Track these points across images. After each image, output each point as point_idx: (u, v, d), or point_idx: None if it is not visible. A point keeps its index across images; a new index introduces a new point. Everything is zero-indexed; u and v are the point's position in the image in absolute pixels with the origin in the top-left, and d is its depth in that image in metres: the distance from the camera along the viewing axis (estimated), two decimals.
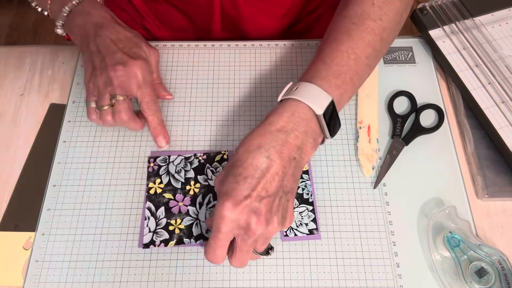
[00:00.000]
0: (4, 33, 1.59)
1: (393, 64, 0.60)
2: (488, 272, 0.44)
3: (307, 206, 0.49)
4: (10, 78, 0.59)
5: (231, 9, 0.65)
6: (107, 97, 0.50)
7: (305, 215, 0.49)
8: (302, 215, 0.49)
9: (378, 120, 0.55)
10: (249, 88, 0.58)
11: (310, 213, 0.49)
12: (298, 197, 0.49)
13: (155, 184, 0.51)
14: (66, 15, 0.53)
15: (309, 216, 0.48)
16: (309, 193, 0.50)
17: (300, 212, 0.49)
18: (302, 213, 0.49)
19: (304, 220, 0.48)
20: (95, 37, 0.51)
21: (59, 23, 0.54)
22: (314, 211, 0.49)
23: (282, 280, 0.46)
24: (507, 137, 0.51)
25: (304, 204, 0.49)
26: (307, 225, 0.48)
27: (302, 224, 0.48)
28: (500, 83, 0.54)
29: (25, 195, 0.51)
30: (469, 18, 0.59)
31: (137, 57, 0.51)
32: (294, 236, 0.48)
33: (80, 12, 0.53)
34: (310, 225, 0.48)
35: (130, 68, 0.49)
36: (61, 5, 0.53)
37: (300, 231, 0.48)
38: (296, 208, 0.49)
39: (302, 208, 0.49)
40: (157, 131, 0.51)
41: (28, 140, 0.54)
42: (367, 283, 0.46)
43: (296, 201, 0.49)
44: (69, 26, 0.54)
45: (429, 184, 0.51)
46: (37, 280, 0.46)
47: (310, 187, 0.50)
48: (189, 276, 0.46)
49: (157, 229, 0.48)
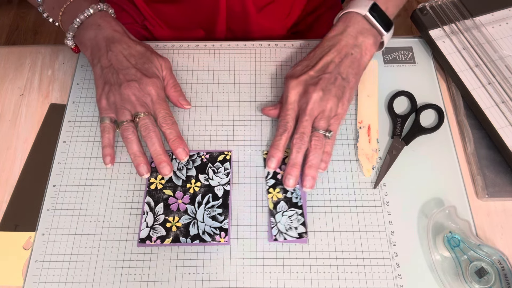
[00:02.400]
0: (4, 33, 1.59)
1: (393, 64, 0.60)
2: (488, 272, 0.44)
3: (296, 210, 0.49)
4: (10, 78, 0.59)
5: (239, 10, 0.65)
6: (127, 113, 0.50)
7: (294, 218, 0.48)
8: (292, 219, 0.48)
9: (378, 120, 0.55)
10: (249, 88, 0.58)
11: (300, 216, 0.49)
12: (287, 201, 0.49)
13: (156, 180, 0.51)
14: (77, 26, 0.53)
15: (298, 220, 0.48)
16: (298, 196, 0.50)
17: (289, 216, 0.49)
18: (291, 217, 0.49)
19: (293, 224, 0.48)
20: (107, 51, 0.52)
21: (70, 35, 0.54)
22: (303, 215, 0.49)
23: (282, 280, 0.46)
24: (507, 137, 0.51)
25: (293, 208, 0.49)
26: (296, 228, 0.48)
27: (291, 228, 0.48)
28: (500, 83, 0.54)
29: (25, 195, 0.51)
30: (469, 18, 0.59)
31: (151, 74, 0.51)
32: (283, 240, 0.47)
33: (91, 24, 0.53)
34: (300, 228, 0.48)
35: (143, 86, 0.50)
36: (72, 16, 0.53)
37: (290, 235, 0.48)
38: (285, 213, 0.49)
39: (291, 212, 0.49)
40: (175, 144, 0.51)
41: (28, 140, 0.54)
42: (367, 283, 0.46)
43: (285, 204, 0.49)
44: (79, 38, 0.54)
45: (429, 184, 0.51)
46: (37, 280, 0.46)
47: (299, 191, 0.50)
48: (189, 276, 0.46)
49: (155, 225, 0.48)
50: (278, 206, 0.49)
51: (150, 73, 0.52)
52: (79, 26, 0.53)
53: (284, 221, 0.48)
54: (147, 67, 0.52)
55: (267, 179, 0.51)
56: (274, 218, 0.48)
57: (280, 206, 0.49)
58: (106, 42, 0.52)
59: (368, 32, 0.53)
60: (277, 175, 0.51)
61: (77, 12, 0.53)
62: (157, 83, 0.51)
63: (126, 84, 0.50)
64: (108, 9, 0.55)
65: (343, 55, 0.52)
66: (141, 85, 0.50)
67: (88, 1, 0.54)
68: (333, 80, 0.50)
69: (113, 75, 0.51)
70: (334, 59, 0.51)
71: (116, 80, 0.50)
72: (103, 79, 0.52)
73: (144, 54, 0.53)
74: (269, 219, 0.49)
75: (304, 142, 0.48)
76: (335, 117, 0.50)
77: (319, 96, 0.49)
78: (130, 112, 0.51)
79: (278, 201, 0.49)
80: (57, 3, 0.54)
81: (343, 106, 0.50)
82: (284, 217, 0.48)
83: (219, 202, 0.50)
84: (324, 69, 0.51)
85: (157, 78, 0.52)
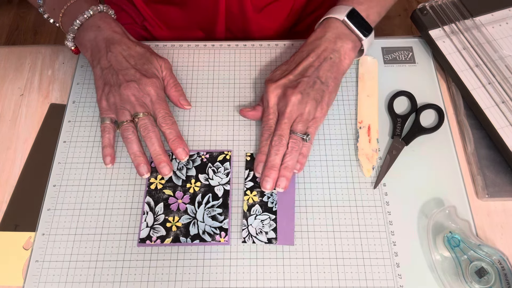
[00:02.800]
0: (4, 33, 1.59)
1: (393, 64, 0.60)
2: (488, 272, 0.44)
3: (269, 215, 0.49)
4: (10, 78, 0.59)
5: (237, 11, 0.65)
6: (126, 113, 0.50)
7: (266, 223, 0.48)
8: (264, 223, 0.48)
9: (378, 120, 0.55)
10: (249, 88, 0.58)
11: (272, 222, 0.49)
12: (262, 205, 0.49)
13: (156, 180, 0.51)
14: (77, 28, 0.53)
15: (270, 225, 0.48)
16: (274, 201, 0.50)
17: (262, 220, 0.49)
18: (264, 221, 0.49)
19: (264, 228, 0.48)
20: (107, 52, 0.52)
21: (70, 36, 0.54)
22: (276, 221, 0.49)
23: (282, 280, 0.46)
24: (507, 137, 0.51)
25: (267, 212, 0.49)
26: (266, 233, 0.48)
27: (262, 232, 0.48)
28: (500, 83, 0.54)
29: (25, 195, 0.51)
30: (469, 18, 0.59)
31: (150, 75, 0.51)
32: (252, 243, 0.47)
33: (91, 26, 0.53)
34: (270, 234, 0.48)
35: (143, 86, 0.50)
36: (72, 18, 0.53)
37: (259, 239, 0.47)
38: (258, 216, 0.49)
39: (265, 217, 0.49)
40: (175, 144, 0.51)
41: (28, 140, 0.54)
42: (367, 283, 0.46)
43: (260, 208, 0.49)
44: (79, 39, 0.54)
45: (429, 184, 0.51)
46: (37, 280, 0.46)
47: (276, 196, 0.50)
48: (189, 276, 0.46)
49: (155, 225, 0.48)
50: (252, 209, 0.49)
51: (149, 74, 0.52)
52: (79, 27, 0.53)
53: (256, 224, 0.48)
54: (146, 68, 0.52)
55: (246, 181, 0.51)
56: (247, 221, 0.48)
57: (254, 209, 0.49)
58: (106, 43, 0.52)
59: (347, 37, 0.53)
60: (257, 178, 0.51)
61: (77, 13, 0.53)
62: (156, 83, 0.51)
63: (126, 85, 0.50)
64: (108, 10, 0.55)
65: (322, 59, 0.52)
66: (141, 86, 0.50)
67: (88, 2, 0.54)
68: (311, 83, 0.50)
69: (113, 76, 0.51)
70: (313, 63, 0.52)
71: (116, 81, 0.51)
72: (103, 80, 0.52)
73: (144, 55, 0.53)
74: (241, 220, 0.49)
75: (282, 145, 0.49)
76: (313, 120, 0.50)
77: (298, 99, 0.49)
78: (130, 112, 0.51)
79: (253, 204, 0.49)
80: (58, 4, 0.54)
81: (321, 110, 0.51)
82: (256, 221, 0.48)
83: (219, 202, 0.50)
84: (303, 73, 0.51)
85: (156, 79, 0.52)
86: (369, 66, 0.59)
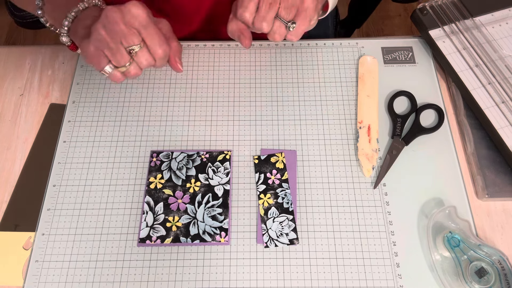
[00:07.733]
0: (4, 33, 1.58)
1: (393, 64, 0.60)
2: (488, 272, 0.44)
3: (287, 216, 0.49)
4: (10, 78, 0.59)
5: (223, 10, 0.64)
6: (124, 52, 0.44)
7: (285, 224, 0.48)
8: (283, 225, 0.48)
9: (378, 120, 0.55)
10: (249, 88, 0.58)
11: (291, 222, 0.49)
12: (278, 207, 0.49)
13: (156, 179, 0.51)
14: (72, 20, 0.50)
15: (289, 226, 0.48)
16: (289, 202, 0.50)
17: (281, 222, 0.49)
18: (283, 223, 0.48)
19: (284, 230, 0.48)
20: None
21: (64, 30, 0.51)
22: (294, 221, 0.49)
23: (282, 280, 0.46)
24: (507, 137, 0.51)
25: (284, 213, 0.49)
26: (287, 235, 0.48)
27: (282, 234, 0.48)
28: (500, 83, 0.54)
29: (25, 195, 0.51)
30: (469, 18, 0.59)
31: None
32: (275, 247, 0.47)
33: (87, 16, 0.50)
34: (291, 234, 0.48)
35: (126, 8, 0.44)
36: (65, 10, 0.50)
37: (281, 241, 0.47)
38: (276, 218, 0.49)
39: (283, 218, 0.49)
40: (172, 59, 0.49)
41: (28, 140, 0.54)
42: (367, 283, 0.46)
43: (276, 210, 0.49)
44: (74, 29, 0.50)
45: (429, 184, 0.51)
46: (37, 280, 0.46)
47: (291, 196, 0.50)
48: (189, 276, 0.46)
49: (155, 225, 0.48)
50: (269, 212, 0.49)
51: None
52: (74, 19, 0.50)
53: (275, 227, 0.48)
54: None
55: (258, 185, 0.51)
56: (265, 225, 0.48)
57: (271, 212, 0.49)
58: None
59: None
60: (268, 180, 0.51)
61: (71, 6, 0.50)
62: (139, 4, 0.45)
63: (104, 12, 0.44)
64: (102, 6, 0.54)
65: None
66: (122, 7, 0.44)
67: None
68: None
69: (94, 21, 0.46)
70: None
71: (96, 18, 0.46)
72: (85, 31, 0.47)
73: None
74: (259, 224, 0.49)
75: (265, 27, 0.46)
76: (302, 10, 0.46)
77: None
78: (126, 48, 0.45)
79: (269, 207, 0.49)
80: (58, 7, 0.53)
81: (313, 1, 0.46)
82: (275, 223, 0.48)
83: (219, 201, 0.50)
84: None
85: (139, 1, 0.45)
86: (369, 66, 0.59)
